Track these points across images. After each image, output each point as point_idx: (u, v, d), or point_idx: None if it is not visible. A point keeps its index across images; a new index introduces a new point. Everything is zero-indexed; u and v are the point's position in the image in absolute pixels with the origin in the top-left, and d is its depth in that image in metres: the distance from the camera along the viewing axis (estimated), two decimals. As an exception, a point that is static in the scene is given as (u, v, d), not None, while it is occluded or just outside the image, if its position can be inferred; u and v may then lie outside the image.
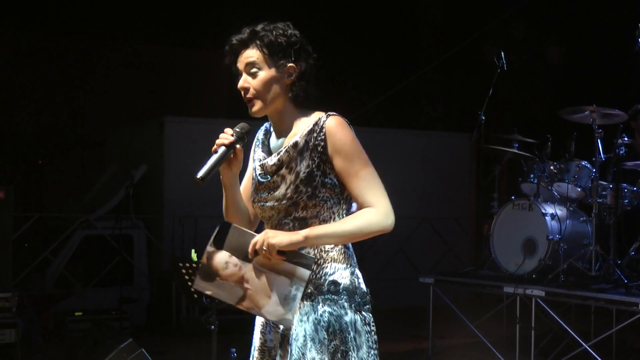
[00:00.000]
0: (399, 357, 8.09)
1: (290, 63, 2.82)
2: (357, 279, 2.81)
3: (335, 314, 2.71)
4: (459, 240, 11.97)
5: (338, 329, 2.70)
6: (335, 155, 2.76)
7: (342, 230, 2.74)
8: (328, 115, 2.81)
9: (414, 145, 11.93)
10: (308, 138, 2.79)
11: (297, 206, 2.77)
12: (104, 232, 9.39)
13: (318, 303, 2.73)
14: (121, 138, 12.11)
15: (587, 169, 7.51)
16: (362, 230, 2.75)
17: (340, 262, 2.78)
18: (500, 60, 8.44)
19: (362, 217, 2.75)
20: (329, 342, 2.69)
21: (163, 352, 7.58)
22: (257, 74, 2.80)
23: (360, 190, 2.77)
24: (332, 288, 2.74)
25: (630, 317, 6.68)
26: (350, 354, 2.70)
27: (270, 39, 2.80)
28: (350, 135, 2.79)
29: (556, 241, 7.38)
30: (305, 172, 2.76)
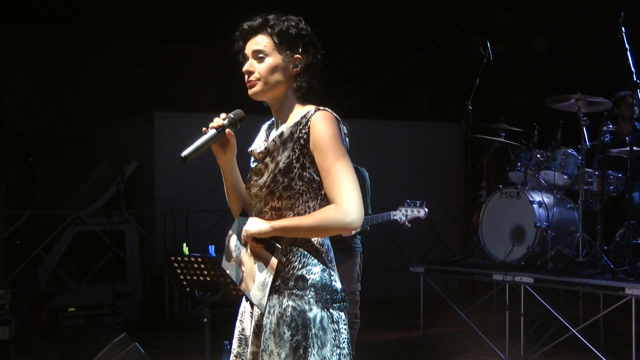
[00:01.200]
0: (391, 345, 8.12)
1: (297, 54, 2.83)
2: (328, 276, 2.78)
3: (298, 309, 2.70)
4: (448, 229, 12.01)
5: (301, 324, 2.69)
6: (314, 149, 2.75)
7: (303, 224, 2.74)
8: (317, 109, 2.80)
9: (403, 136, 11.94)
10: (294, 129, 2.79)
11: (273, 195, 2.78)
12: (96, 228, 9.38)
13: (284, 297, 2.73)
14: (112, 135, 12.10)
15: (574, 156, 7.54)
16: (319, 225, 2.73)
17: (310, 258, 2.77)
18: (487, 51, 8.47)
19: (322, 214, 2.73)
20: (290, 337, 2.68)
21: (157, 346, 7.59)
22: (264, 59, 2.81)
23: (328, 186, 2.73)
24: (299, 283, 2.73)
25: (617, 301, 6.73)
26: (310, 351, 2.68)
27: (282, 28, 2.81)
28: (330, 131, 2.75)
29: (544, 228, 7.42)
30: (285, 162, 2.76)
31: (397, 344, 8.20)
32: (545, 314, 7.56)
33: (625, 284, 6.42)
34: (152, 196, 10.03)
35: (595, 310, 7.30)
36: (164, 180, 9.85)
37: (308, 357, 2.68)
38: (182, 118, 10.07)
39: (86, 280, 9.34)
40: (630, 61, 7.02)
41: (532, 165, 7.79)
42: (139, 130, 10.52)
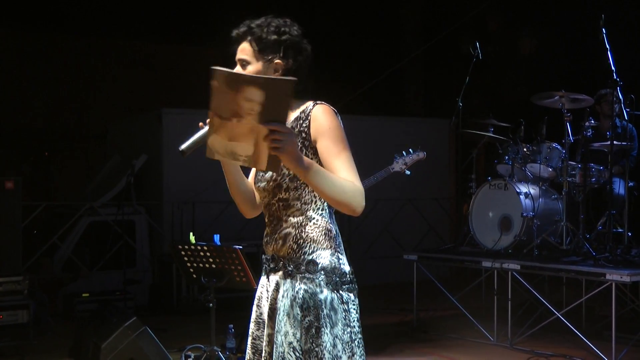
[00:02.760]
0: (386, 329, 8.13)
1: (277, 59, 2.80)
2: (337, 260, 2.78)
3: (310, 291, 2.70)
4: (440, 219, 12.02)
5: (312, 305, 2.69)
6: (318, 138, 2.73)
7: (333, 181, 2.61)
8: (316, 104, 2.79)
9: (397, 131, 11.93)
10: (294, 124, 2.78)
11: (280, 188, 2.76)
12: (107, 219, 9.39)
13: (296, 281, 2.73)
14: (122, 130, 12.10)
15: (558, 150, 7.55)
16: (346, 192, 2.62)
17: (319, 243, 2.76)
18: (476, 51, 8.46)
19: (351, 184, 2.65)
20: (302, 317, 2.69)
21: (165, 329, 7.60)
22: (247, 67, 2.81)
23: (340, 172, 2.67)
24: (310, 267, 2.73)
25: (598, 286, 6.74)
26: (322, 330, 2.68)
27: (260, 35, 2.79)
28: (334, 122, 2.75)
29: (530, 218, 7.43)
30: None
31: (391, 328, 8.21)
32: (531, 298, 7.57)
33: (606, 270, 6.44)
34: (160, 188, 10.03)
35: (578, 294, 7.32)
36: (172, 173, 9.85)
37: (321, 336, 2.69)
38: (188, 115, 10.05)
39: (99, 267, 9.35)
40: (611, 60, 7.02)
41: (518, 159, 7.79)
42: (148, 126, 10.52)
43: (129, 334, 5.37)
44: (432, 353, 6.96)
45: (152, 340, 5.45)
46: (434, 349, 7.10)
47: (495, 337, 7.27)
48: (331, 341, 2.70)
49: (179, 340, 7.02)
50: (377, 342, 7.34)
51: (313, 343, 2.69)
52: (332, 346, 2.70)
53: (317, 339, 2.69)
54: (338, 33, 14.52)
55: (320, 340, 2.69)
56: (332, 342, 2.70)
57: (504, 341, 7.15)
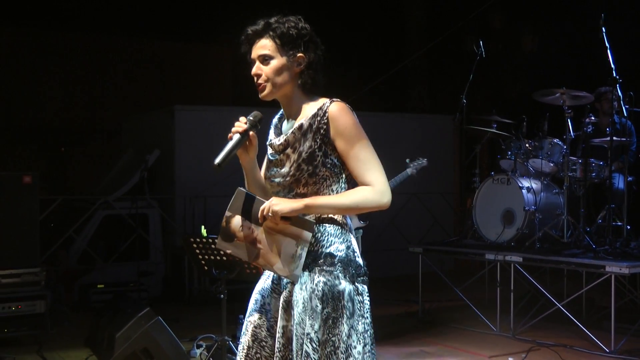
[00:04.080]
0: (392, 319, 8.13)
1: (299, 53, 2.81)
2: (352, 253, 2.79)
3: (329, 283, 2.70)
4: (444, 213, 12.01)
5: (331, 297, 2.70)
6: (337, 137, 2.75)
7: (341, 203, 2.72)
8: (332, 101, 2.80)
9: (403, 127, 11.92)
10: (312, 121, 2.78)
11: (298, 183, 2.77)
12: (122, 212, 9.40)
13: (315, 273, 2.73)
14: (136, 126, 12.11)
15: (559, 145, 7.54)
16: (358, 205, 2.74)
17: (337, 237, 2.77)
18: (480, 49, 8.45)
19: (360, 193, 2.74)
20: (322, 309, 2.69)
21: (177, 320, 7.61)
22: (270, 62, 2.80)
23: (359, 171, 2.75)
24: (328, 260, 2.73)
25: (598, 278, 6.74)
26: (340, 320, 2.70)
27: (283, 30, 2.79)
28: (352, 120, 2.78)
29: (532, 212, 7.43)
30: (308, 152, 2.76)
31: (398, 318, 8.21)
32: (533, 290, 7.58)
33: (606, 262, 6.44)
34: (172, 183, 10.04)
35: (578, 286, 7.31)
36: (184, 168, 9.86)
37: (338, 326, 2.70)
38: (200, 111, 10.08)
39: (113, 259, 9.36)
40: (610, 58, 7.00)
41: (521, 154, 7.78)
42: (161, 122, 10.53)
43: (143, 324, 5.38)
44: (436, 343, 6.96)
45: (164, 330, 5.46)
46: (439, 339, 7.11)
47: (498, 327, 7.27)
48: (347, 331, 2.71)
49: (191, 330, 7.04)
50: (384, 332, 7.35)
51: (330, 333, 2.70)
52: (347, 336, 2.72)
53: (334, 329, 2.70)
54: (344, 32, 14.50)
55: (337, 330, 2.70)
56: (347, 332, 2.72)
57: (506, 331, 7.15)
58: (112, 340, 5.37)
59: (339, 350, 2.69)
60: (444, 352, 6.59)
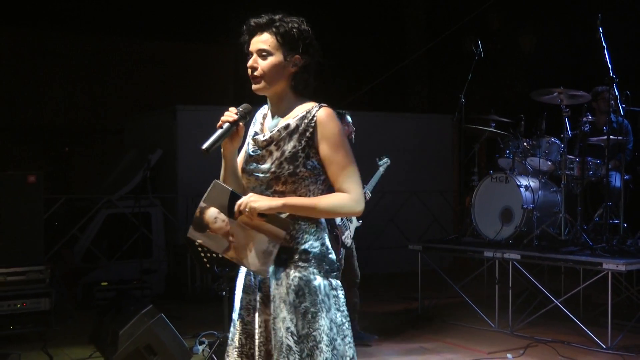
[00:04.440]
0: (392, 316, 8.15)
1: (297, 54, 2.83)
2: (326, 249, 2.83)
3: (304, 279, 2.75)
4: (443, 211, 12.02)
5: (307, 292, 2.74)
6: (322, 142, 2.79)
7: (317, 205, 2.77)
8: (320, 106, 2.83)
9: (402, 127, 11.94)
10: (299, 123, 2.81)
11: (278, 180, 2.80)
12: (125, 211, 9.42)
13: (290, 269, 2.77)
14: (138, 126, 12.12)
15: (557, 144, 7.55)
16: (335, 210, 2.80)
17: (311, 234, 2.81)
18: (478, 49, 8.46)
19: (337, 199, 2.79)
20: (299, 303, 2.74)
21: (180, 317, 7.63)
22: (267, 57, 2.82)
23: (338, 177, 2.79)
24: (302, 256, 2.78)
25: (595, 275, 6.76)
26: (319, 315, 2.74)
27: (285, 29, 2.81)
28: (338, 127, 2.81)
29: (530, 210, 7.44)
30: (291, 151, 2.79)
31: (397, 315, 8.23)
32: (531, 287, 7.59)
33: (603, 259, 6.46)
34: (175, 182, 10.06)
35: (576, 283, 7.33)
36: (186, 167, 9.87)
37: (318, 320, 2.73)
38: (202, 111, 10.08)
39: (116, 257, 9.38)
40: (607, 58, 7.02)
41: (519, 153, 7.80)
42: (163, 122, 10.54)
43: (146, 321, 5.39)
44: (436, 339, 6.98)
45: (167, 327, 5.47)
46: (438, 335, 7.12)
47: (496, 323, 7.28)
48: (327, 325, 2.76)
49: (194, 327, 7.06)
50: (384, 329, 7.37)
51: (310, 327, 2.73)
52: (329, 329, 2.75)
53: (314, 323, 2.74)
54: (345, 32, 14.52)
55: (317, 325, 2.74)
56: (328, 325, 2.76)
57: (505, 328, 7.17)
58: (116, 337, 5.39)
59: (323, 343, 2.73)
60: (443, 349, 6.60)
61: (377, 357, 6.33)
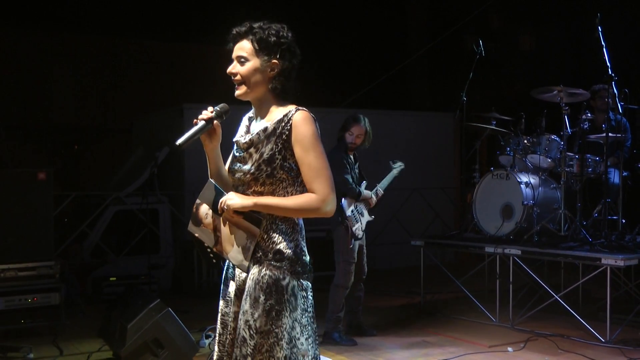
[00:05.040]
0: (395, 310, 8.15)
1: (274, 60, 2.89)
2: (300, 251, 2.88)
3: (274, 277, 2.80)
4: (445, 207, 12.02)
5: (275, 290, 2.79)
6: (296, 144, 2.84)
7: (285, 205, 2.83)
8: (297, 110, 2.88)
9: (405, 125, 11.93)
10: (277, 126, 2.87)
11: (257, 182, 2.86)
12: (133, 207, 9.43)
13: (263, 267, 2.82)
14: (146, 124, 12.13)
15: (556, 142, 7.53)
16: (301, 209, 2.84)
17: (287, 235, 2.86)
18: (479, 48, 8.45)
19: (304, 199, 2.84)
20: (265, 300, 2.78)
21: (187, 311, 7.64)
22: (245, 63, 2.90)
23: (308, 178, 2.85)
24: (276, 256, 2.82)
25: (594, 270, 6.75)
26: (283, 313, 2.78)
27: (262, 36, 2.88)
28: (311, 130, 2.85)
29: (530, 206, 7.43)
30: (269, 154, 2.85)
31: (400, 309, 8.23)
32: (531, 282, 7.58)
33: (601, 255, 6.45)
34: (181, 179, 10.06)
35: (575, 278, 7.33)
36: (192, 165, 9.87)
37: (282, 318, 2.79)
38: (208, 109, 10.08)
39: (125, 253, 9.39)
40: (606, 57, 7.00)
41: (519, 150, 7.78)
42: (170, 120, 10.55)
43: (153, 315, 5.40)
44: (438, 333, 6.98)
45: (174, 321, 5.48)
46: (440, 329, 7.12)
47: (497, 318, 7.28)
48: (290, 324, 2.80)
49: (200, 321, 7.06)
50: (386, 323, 7.37)
51: (273, 325, 2.78)
52: (291, 328, 2.80)
53: (277, 321, 2.78)
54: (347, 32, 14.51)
55: (280, 322, 2.79)
56: (291, 324, 2.80)
57: (505, 322, 7.16)
58: (124, 331, 5.40)
59: (283, 340, 2.78)
60: (445, 342, 6.60)
61: (380, 350, 6.33)
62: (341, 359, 6.00)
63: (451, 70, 12.76)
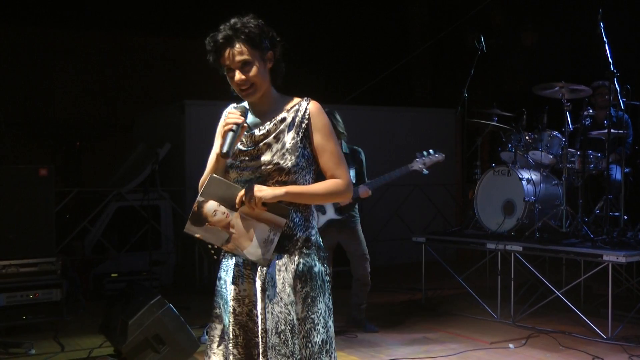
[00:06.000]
0: (396, 306, 8.14)
1: (268, 52, 2.89)
2: (319, 237, 2.97)
3: (307, 265, 2.85)
4: (446, 203, 12.01)
5: (309, 277, 2.84)
6: (315, 133, 2.90)
7: (316, 192, 2.87)
8: (308, 100, 2.94)
9: (407, 121, 11.91)
10: (294, 115, 2.90)
11: (281, 171, 2.84)
12: (134, 204, 9.42)
13: (294, 255, 2.85)
14: (147, 121, 12.12)
15: (558, 138, 7.52)
16: (331, 193, 2.90)
17: (309, 222, 2.92)
18: (481, 44, 8.43)
19: (331, 184, 2.91)
20: (301, 288, 2.83)
21: (188, 307, 7.64)
22: (251, 67, 2.83)
23: (331, 165, 2.92)
24: (306, 244, 2.88)
25: (595, 267, 6.73)
26: (318, 299, 2.84)
27: (251, 31, 2.83)
28: (327, 119, 2.94)
29: (532, 202, 7.42)
30: (291, 143, 2.86)
31: (402, 305, 8.22)
32: (533, 278, 7.57)
33: (603, 251, 6.43)
34: (183, 175, 10.06)
35: (577, 275, 7.30)
36: (194, 161, 9.86)
37: (317, 304, 2.84)
38: (209, 106, 10.05)
39: (126, 249, 9.39)
40: (608, 52, 6.98)
41: (521, 146, 7.77)
42: (172, 116, 10.54)
43: (155, 312, 5.40)
44: (439, 329, 6.97)
45: (175, 317, 5.47)
46: (441, 326, 7.11)
47: (498, 314, 7.27)
48: (323, 308, 2.86)
49: (201, 317, 7.06)
50: (388, 319, 7.36)
51: (309, 311, 2.83)
52: (325, 313, 2.87)
53: (313, 307, 2.83)
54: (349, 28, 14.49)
55: (316, 308, 2.84)
56: (324, 309, 2.87)
57: (507, 318, 7.16)
58: (125, 327, 5.39)
59: (320, 325, 2.83)
60: (446, 339, 6.59)
61: (382, 346, 6.32)
62: (342, 355, 5.99)
63: (452, 67, 12.75)
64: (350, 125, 7.17)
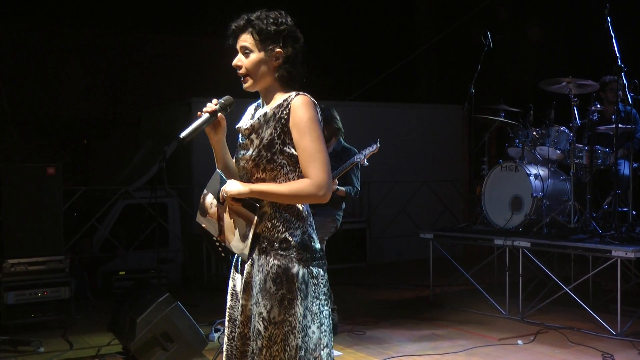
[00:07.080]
0: (404, 303, 8.13)
1: (278, 48, 2.86)
2: (308, 238, 2.84)
3: (283, 266, 2.76)
4: (454, 199, 11.99)
5: (285, 279, 2.75)
6: (293, 128, 2.80)
7: (279, 191, 2.77)
8: (297, 94, 2.84)
9: (413, 117, 11.89)
10: (276, 111, 2.84)
11: (258, 168, 2.83)
12: (142, 201, 9.42)
13: (270, 257, 2.78)
14: (154, 118, 12.13)
15: (565, 133, 7.49)
16: (295, 194, 2.78)
17: (292, 223, 2.82)
18: (487, 40, 8.41)
19: (297, 184, 2.79)
20: (276, 291, 2.75)
21: (196, 305, 7.65)
22: (249, 55, 2.87)
23: (303, 163, 2.80)
24: (283, 245, 2.79)
25: (604, 262, 6.69)
26: (295, 302, 2.75)
27: (262, 27, 2.85)
28: (309, 114, 2.80)
29: (539, 198, 7.39)
30: (268, 139, 2.81)
31: (409, 302, 8.21)
32: (541, 274, 7.55)
33: (612, 246, 6.40)
34: (190, 172, 10.06)
35: (585, 270, 7.28)
36: (201, 158, 9.87)
37: (294, 307, 2.75)
38: (216, 103, 10.06)
39: (134, 247, 9.40)
40: (615, 47, 6.94)
41: (528, 142, 7.74)
42: (178, 114, 10.54)
43: (163, 309, 5.40)
44: (447, 325, 6.95)
45: (183, 315, 5.48)
46: (449, 322, 7.10)
47: (507, 310, 7.25)
48: (302, 312, 2.77)
49: (209, 314, 7.06)
50: (396, 315, 7.35)
51: (286, 314, 2.76)
52: (303, 317, 2.77)
53: (290, 309, 2.76)
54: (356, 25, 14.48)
55: (293, 311, 2.76)
56: (302, 313, 2.77)
57: (515, 314, 7.13)
58: (134, 325, 5.40)
59: (296, 329, 2.75)
60: (454, 335, 6.58)
61: (389, 343, 6.31)
62: (350, 352, 5.99)
63: (459, 63, 12.71)
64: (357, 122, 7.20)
